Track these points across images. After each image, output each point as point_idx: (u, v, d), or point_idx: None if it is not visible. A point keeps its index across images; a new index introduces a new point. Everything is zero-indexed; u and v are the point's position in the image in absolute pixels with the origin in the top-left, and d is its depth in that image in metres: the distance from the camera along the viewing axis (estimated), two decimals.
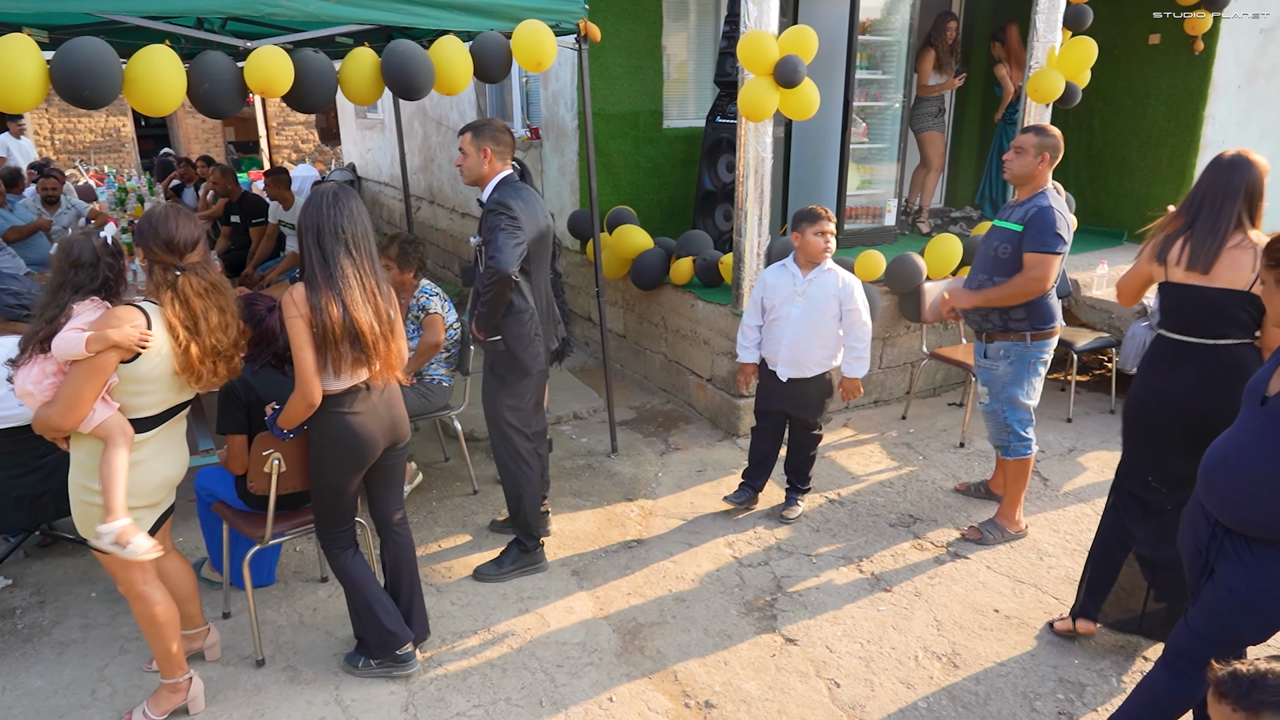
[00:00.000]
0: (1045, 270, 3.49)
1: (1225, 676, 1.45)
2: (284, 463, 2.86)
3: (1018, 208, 3.63)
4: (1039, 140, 3.54)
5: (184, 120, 17.20)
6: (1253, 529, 2.12)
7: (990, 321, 3.71)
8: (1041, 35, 5.46)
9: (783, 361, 3.84)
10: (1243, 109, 6.64)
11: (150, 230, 2.52)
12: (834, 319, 3.76)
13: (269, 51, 3.29)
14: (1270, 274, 2.05)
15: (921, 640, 3.23)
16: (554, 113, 6.53)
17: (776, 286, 3.84)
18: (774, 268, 3.91)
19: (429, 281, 4.25)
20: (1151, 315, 5.25)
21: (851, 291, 3.74)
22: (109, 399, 2.46)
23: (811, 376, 3.84)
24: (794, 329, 3.77)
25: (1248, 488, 2.11)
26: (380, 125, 10.99)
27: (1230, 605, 2.18)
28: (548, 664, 3.11)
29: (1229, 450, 2.19)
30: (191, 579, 2.99)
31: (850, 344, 3.81)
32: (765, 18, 4.41)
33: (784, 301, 3.80)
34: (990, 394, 3.81)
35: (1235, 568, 2.17)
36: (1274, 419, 2.08)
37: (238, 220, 7.35)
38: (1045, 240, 3.48)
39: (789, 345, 3.79)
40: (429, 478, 4.57)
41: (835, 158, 5.99)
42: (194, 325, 2.53)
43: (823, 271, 3.75)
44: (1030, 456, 3.80)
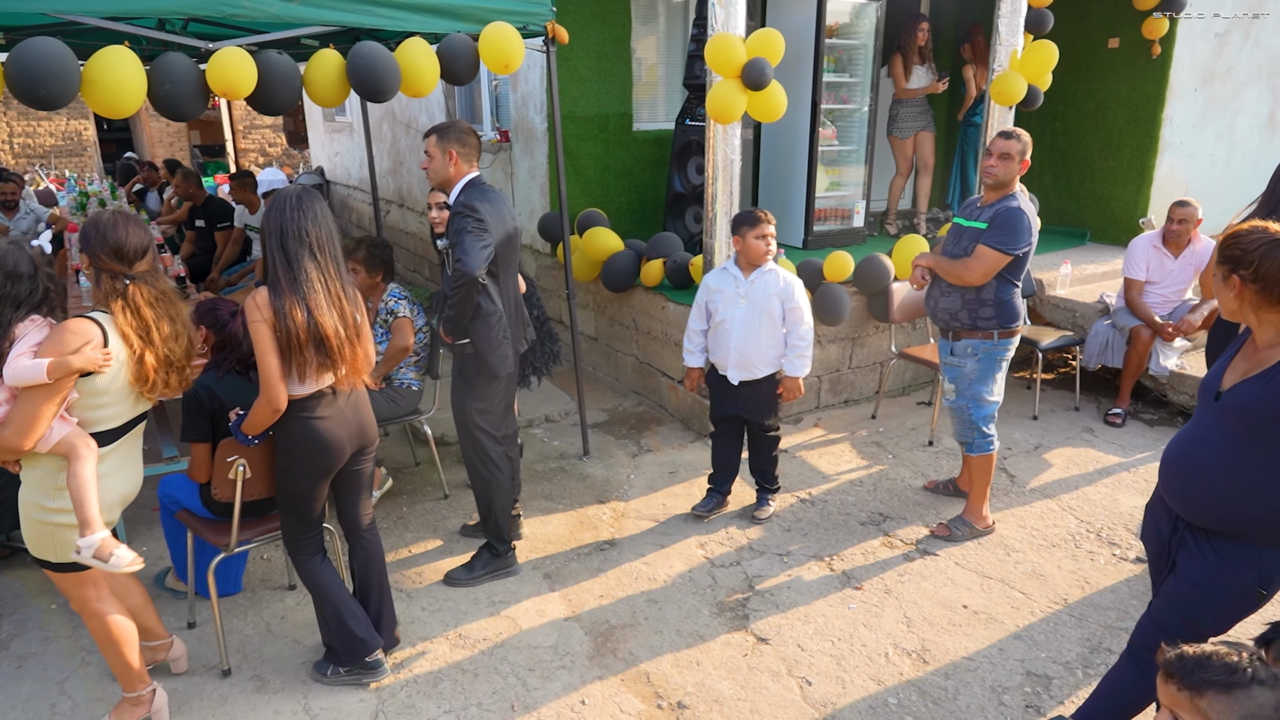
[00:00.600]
0: (988, 265, 3.56)
1: (1172, 658, 1.48)
2: (249, 469, 2.82)
3: (986, 208, 3.65)
4: (1021, 146, 3.59)
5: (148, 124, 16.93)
6: (1210, 522, 2.17)
7: (958, 320, 3.74)
8: (1004, 39, 5.54)
9: (732, 365, 3.84)
10: (1199, 111, 6.79)
11: (98, 237, 2.44)
12: (778, 319, 3.77)
13: (231, 53, 3.25)
14: (1220, 269, 2.09)
15: (892, 637, 3.26)
16: (523, 115, 6.51)
17: (719, 290, 3.85)
18: (716, 271, 3.92)
19: (397, 285, 4.22)
20: (1114, 313, 5.35)
21: (792, 290, 3.75)
22: (67, 416, 2.39)
23: (762, 377, 3.85)
24: (739, 331, 3.78)
25: (1204, 482, 2.15)
26: (349, 128, 10.90)
27: (1191, 597, 2.22)
28: (519, 668, 3.10)
29: (1186, 445, 2.23)
30: (141, 591, 2.92)
31: (792, 343, 3.80)
32: (732, 21, 4.44)
33: (727, 304, 3.80)
34: (957, 391, 3.85)
35: (1195, 560, 2.21)
36: (1227, 415, 2.12)
37: (202, 225, 7.26)
38: (1006, 239, 3.53)
39: (736, 348, 3.79)
40: (399, 482, 4.53)
41: (804, 160, 6.04)
42: (146, 334, 2.47)
43: (763, 272, 3.76)
44: (993, 452, 3.85)
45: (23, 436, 2.30)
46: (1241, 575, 2.14)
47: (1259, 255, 2.00)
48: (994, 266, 3.57)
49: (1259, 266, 2.00)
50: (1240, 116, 7.17)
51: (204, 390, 2.88)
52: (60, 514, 2.44)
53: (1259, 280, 2.01)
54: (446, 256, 3.37)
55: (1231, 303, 2.09)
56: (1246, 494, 2.09)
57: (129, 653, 2.67)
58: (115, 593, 2.75)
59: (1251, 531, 2.12)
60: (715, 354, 3.92)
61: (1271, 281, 1.99)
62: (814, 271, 5.21)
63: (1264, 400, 2.03)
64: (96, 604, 2.61)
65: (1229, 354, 2.22)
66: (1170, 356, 5.22)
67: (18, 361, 2.28)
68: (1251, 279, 2.02)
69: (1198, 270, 5.13)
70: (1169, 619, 2.28)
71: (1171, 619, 2.27)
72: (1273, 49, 7.12)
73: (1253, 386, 2.07)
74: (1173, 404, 5.32)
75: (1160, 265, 5.16)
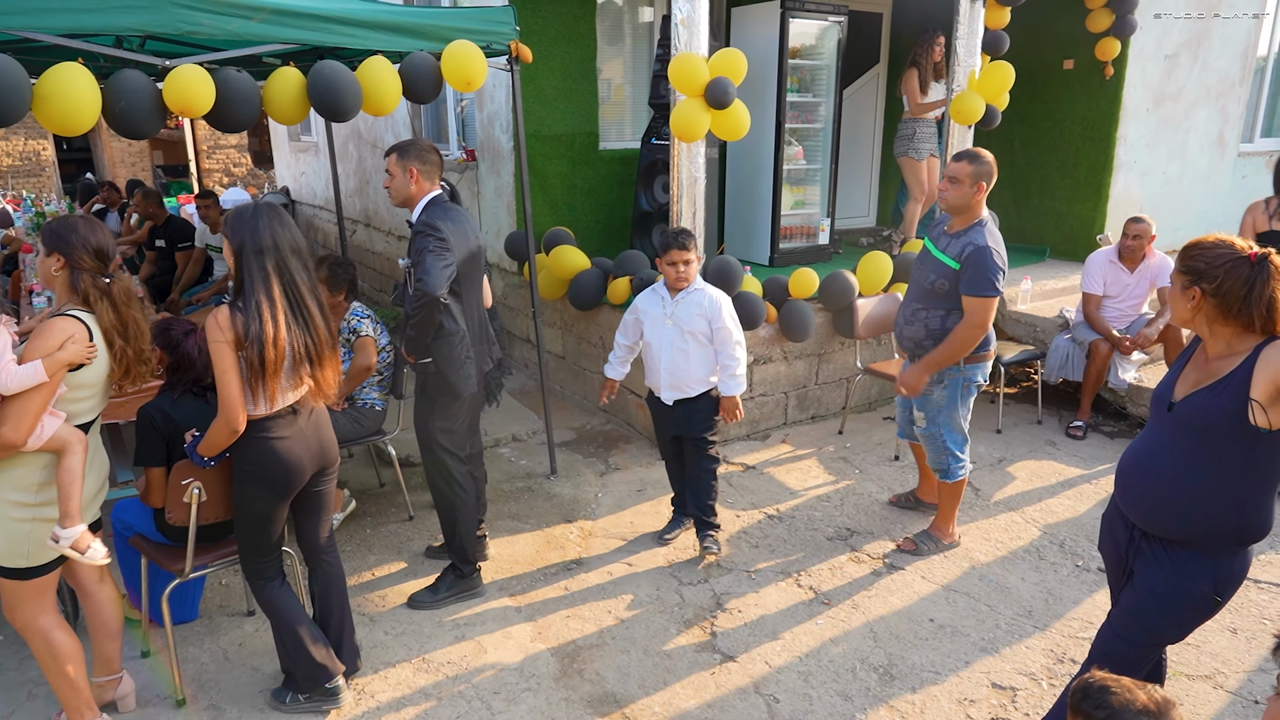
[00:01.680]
0: (986, 314, 3.51)
1: (1078, 683, 1.58)
2: (204, 492, 2.76)
3: (954, 240, 3.57)
4: (975, 169, 3.49)
5: (108, 143, 16.68)
6: (1165, 531, 2.20)
7: (923, 348, 3.70)
8: (962, 60, 5.65)
9: (665, 386, 3.78)
10: (1151, 131, 6.97)
11: (79, 239, 2.55)
12: (705, 338, 3.68)
13: (189, 70, 3.21)
14: (1181, 279, 2.13)
15: (859, 652, 3.25)
16: (489, 134, 6.51)
17: (647, 310, 3.80)
18: (646, 292, 3.86)
19: (360, 304, 4.18)
20: (1073, 328, 5.45)
21: (719, 309, 3.66)
22: (55, 410, 2.48)
23: (696, 395, 3.77)
24: (668, 352, 3.71)
25: (1158, 492, 2.18)
26: (314, 148, 10.82)
27: (1149, 605, 2.25)
28: (484, 691, 3.05)
29: (1140, 456, 2.27)
30: (119, 614, 2.87)
31: (723, 362, 3.70)
32: (695, 41, 4.48)
33: (654, 326, 3.75)
34: (927, 418, 3.82)
35: (1152, 569, 2.24)
36: (1179, 425, 2.16)
37: (163, 245, 7.15)
38: (983, 285, 3.47)
39: (667, 369, 3.74)
40: (363, 504, 4.46)
41: (769, 179, 6.10)
42: (124, 330, 2.61)
43: (689, 292, 3.69)
44: (965, 478, 3.86)
45: (19, 432, 2.37)
46: (1197, 583, 2.17)
47: (1222, 272, 2.03)
48: (985, 313, 3.52)
49: (1221, 283, 2.03)
50: (1191, 136, 7.37)
51: (158, 413, 2.82)
52: (44, 508, 2.51)
53: (1219, 295, 2.04)
54: (408, 275, 3.35)
55: (1187, 312, 2.13)
56: (1199, 503, 2.12)
57: (74, 672, 2.61)
58: (98, 606, 2.79)
59: (1205, 539, 2.15)
60: (648, 376, 3.86)
61: (1231, 299, 2.03)
62: (780, 288, 5.25)
63: (1215, 411, 2.07)
64: (40, 619, 2.57)
65: (1179, 364, 2.26)
66: (1128, 370, 5.31)
67: (9, 369, 2.36)
68: (1213, 294, 2.05)
69: (1153, 284, 5.25)
70: (1128, 627, 2.30)
71: (1131, 628, 2.29)
72: (1220, 71, 7.35)
73: (1204, 398, 2.10)
74: (1132, 416, 5.42)
75: (1117, 280, 5.27)
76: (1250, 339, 2.05)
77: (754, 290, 5.12)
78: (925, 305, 3.68)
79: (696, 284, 3.70)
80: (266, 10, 3.41)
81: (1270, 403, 1.99)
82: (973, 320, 3.53)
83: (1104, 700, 1.53)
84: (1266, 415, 2.00)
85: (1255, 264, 2.01)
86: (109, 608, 2.83)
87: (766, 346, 5.29)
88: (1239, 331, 2.06)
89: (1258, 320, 2.02)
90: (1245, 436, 2.04)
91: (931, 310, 3.66)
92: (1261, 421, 2.00)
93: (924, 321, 3.69)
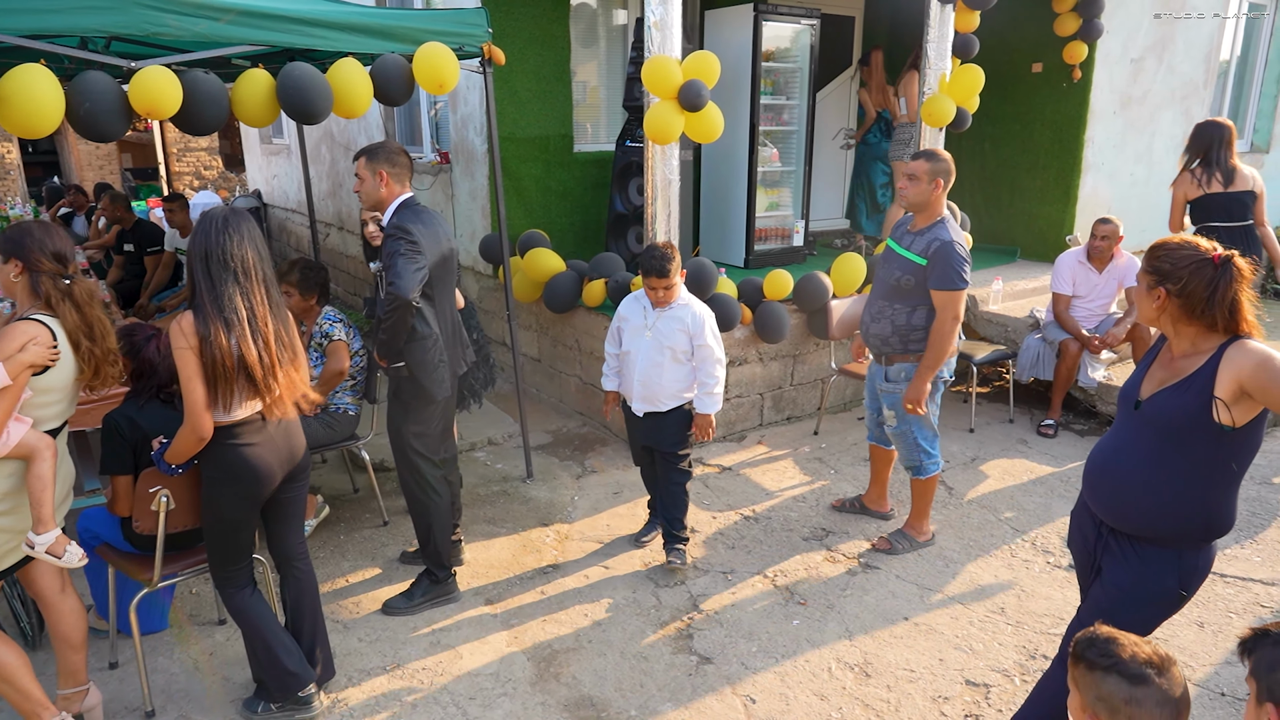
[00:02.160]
0: (958, 306, 3.59)
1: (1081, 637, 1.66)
2: (173, 499, 2.72)
3: (919, 237, 3.64)
4: (931, 166, 3.58)
5: (75, 147, 16.41)
6: (1132, 528, 2.23)
7: (890, 345, 3.76)
8: (933, 63, 5.71)
9: (636, 397, 3.68)
10: (1118, 133, 7.08)
11: (37, 244, 2.54)
12: (684, 353, 3.58)
13: (155, 71, 3.17)
14: (1146, 278, 2.16)
15: (835, 651, 3.27)
16: (463, 137, 6.48)
17: (628, 318, 3.70)
18: (629, 299, 3.75)
19: (332, 308, 4.14)
20: (1044, 327, 5.52)
21: (702, 326, 3.55)
22: (21, 416, 2.46)
23: (667, 411, 3.66)
24: (643, 363, 3.61)
25: (1125, 489, 2.22)
26: (286, 151, 10.71)
27: (1117, 601, 2.27)
28: (460, 698, 3.03)
29: (1107, 453, 2.30)
30: (83, 624, 2.80)
31: (702, 380, 3.61)
32: (668, 43, 4.49)
33: (633, 335, 3.66)
34: (897, 416, 3.85)
35: (1119, 565, 2.27)
36: (1147, 423, 2.19)
37: (131, 249, 7.04)
38: (951, 277, 3.54)
39: (640, 380, 3.63)
40: (337, 510, 4.42)
41: (744, 181, 6.13)
42: (90, 330, 2.60)
43: (674, 306, 3.58)
44: (938, 474, 3.90)
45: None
46: (1163, 579, 2.20)
47: (1187, 273, 2.06)
48: (957, 305, 3.59)
49: (1186, 284, 2.07)
50: (1156, 139, 7.49)
51: (125, 420, 2.77)
52: (6, 516, 2.49)
53: (1183, 296, 2.08)
54: (380, 279, 3.32)
55: (1152, 312, 2.17)
56: (1165, 500, 2.15)
57: (24, 682, 2.56)
58: (61, 617, 2.73)
59: (1171, 536, 2.18)
60: (622, 384, 3.77)
61: (1195, 299, 2.06)
62: (755, 290, 5.27)
63: (1181, 409, 2.10)
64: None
65: (1145, 362, 2.30)
66: (1098, 369, 5.39)
67: None
68: (1177, 295, 2.09)
69: (1121, 284, 5.33)
70: (1094, 621, 2.32)
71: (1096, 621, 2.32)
72: (1184, 74, 7.48)
73: (1170, 396, 2.14)
74: (1101, 414, 5.49)
75: (1086, 280, 5.34)
76: (1214, 338, 2.09)
77: (729, 292, 5.14)
78: (891, 302, 3.73)
79: (681, 298, 3.60)
80: (234, 11, 3.37)
81: (1234, 400, 2.02)
82: (946, 313, 3.59)
83: (1109, 650, 1.59)
84: (1230, 413, 2.03)
85: (1219, 266, 2.04)
86: (71, 618, 2.76)
87: (742, 348, 5.31)
88: (1203, 331, 2.10)
89: (1220, 321, 2.06)
90: (1210, 434, 2.07)
91: (898, 307, 3.71)
92: (1225, 419, 2.04)
93: (890, 318, 3.74)
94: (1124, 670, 1.56)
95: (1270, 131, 8.83)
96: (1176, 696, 1.53)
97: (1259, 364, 1.99)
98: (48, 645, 3.23)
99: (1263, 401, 2.01)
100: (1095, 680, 1.59)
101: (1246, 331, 2.06)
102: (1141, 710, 1.54)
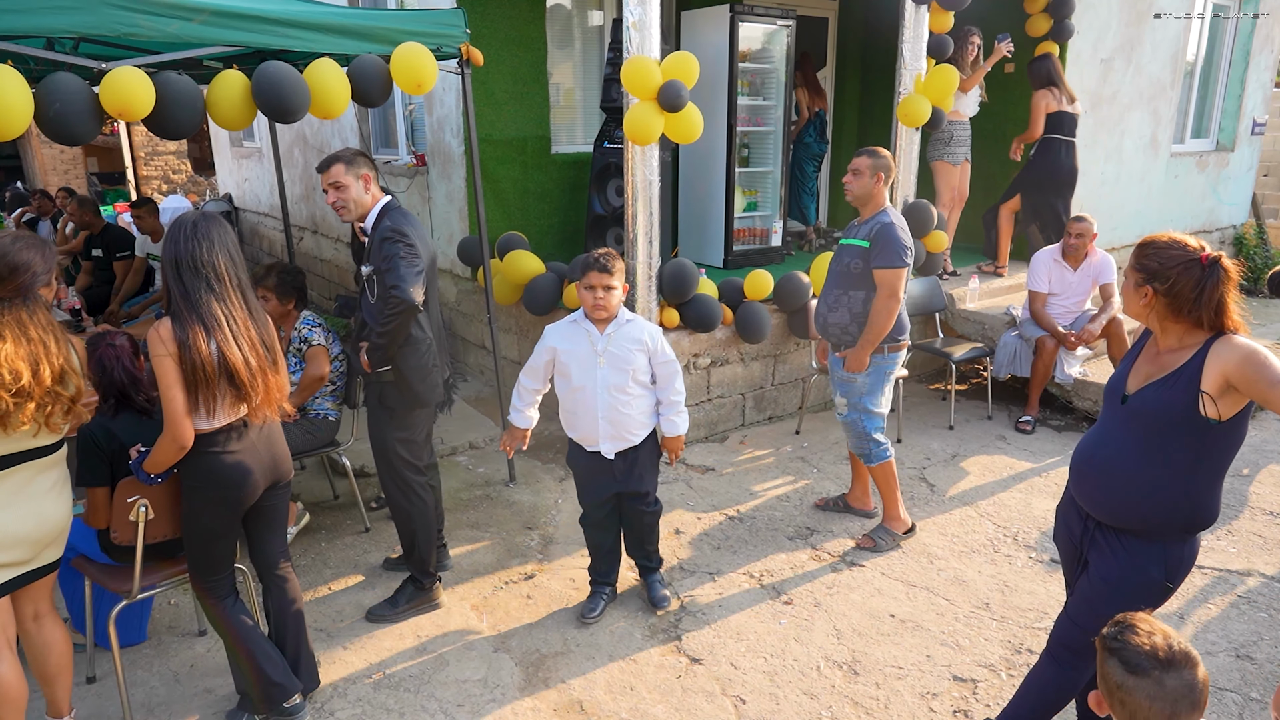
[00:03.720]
0: (896, 283, 3.72)
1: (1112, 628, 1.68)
2: (151, 509, 2.66)
3: (863, 225, 3.83)
4: (873, 162, 3.77)
5: (39, 150, 16.08)
6: (1119, 521, 2.25)
7: (849, 334, 3.88)
8: (908, 63, 5.75)
9: (604, 437, 3.24)
10: (1089, 132, 7.17)
11: None
12: (645, 374, 3.23)
13: (126, 72, 3.10)
14: (1134, 276, 2.18)
15: (823, 650, 3.28)
16: (440, 139, 6.43)
17: (571, 350, 3.20)
18: (562, 325, 3.26)
19: (311, 312, 4.08)
20: (1020, 325, 5.58)
21: (659, 340, 3.23)
22: None
23: (640, 442, 3.31)
24: (606, 398, 3.17)
25: (1112, 483, 2.24)
26: (258, 154, 10.58)
27: (1104, 594, 2.30)
28: (448, 704, 2.99)
29: (1094, 448, 2.32)
30: (67, 656, 2.68)
31: (670, 400, 3.27)
32: (647, 44, 4.48)
33: (584, 367, 3.18)
34: (849, 404, 3.96)
35: (1106, 558, 2.29)
36: (1133, 417, 2.21)
37: (100, 254, 6.91)
38: (890, 256, 3.69)
39: (606, 418, 3.20)
40: (317, 517, 4.36)
41: (722, 181, 6.14)
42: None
43: (622, 324, 3.19)
44: (890, 459, 3.96)
45: None
46: (1149, 570, 2.23)
47: (1175, 273, 2.09)
48: (896, 282, 3.72)
49: (1174, 283, 2.09)
50: (1126, 138, 7.61)
51: (101, 431, 2.70)
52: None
53: (1171, 295, 2.10)
54: (368, 283, 3.27)
55: (1139, 309, 2.19)
56: (1152, 492, 2.18)
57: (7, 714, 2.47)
58: (46, 650, 2.60)
59: (1157, 528, 2.21)
60: (579, 428, 3.28)
61: (1182, 299, 2.09)
62: (735, 290, 5.27)
63: (1168, 403, 2.13)
64: None
65: (1130, 356, 2.32)
66: (1074, 365, 5.46)
67: None
68: (1165, 293, 2.11)
69: (1095, 281, 5.40)
70: (1084, 616, 2.35)
71: (1086, 616, 2.34)
72: (1152, 75, 7.60)
73: (1157, 390, 2.16)
74: (1078, 410, 5.56)
75: (1061, 278, 5.40)
76: (1200, 334, 2.11)
77: (710, 292, 5.14)
78: (845, 290, 3.87)
79: (625, 314, 3.22)
80: (208, 11, 3.31)
81: (1219, 394, 2.05)
82: (885, 291, 3.73)
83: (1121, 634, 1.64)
84: (1216, 407, 2.06)
85: (1207, 267, 2.07)
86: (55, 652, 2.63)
87: (723, 348, 5.31)
88: (1189, 328, 2.13)
89: (1206, 319, 2.08)
90: (1196, 427, 2.10)
91: (852, 294, 3.85)
92: (1211, 413, 2.07)
93: (846, 306, 3.87)
94: (1124, 657, 1.60)
95: (1234, 130, 9.00)
96: (1174, 693, 1.54)
97: (1245, 358, 2.02)
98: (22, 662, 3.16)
99: (1249, 394, 2.04)
100: (1102, 659, 1.66)
101: (1233, 328, 2.09)
102: (1131, 699, 1.58)
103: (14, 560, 2.45)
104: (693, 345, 5.16)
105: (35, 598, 2.60)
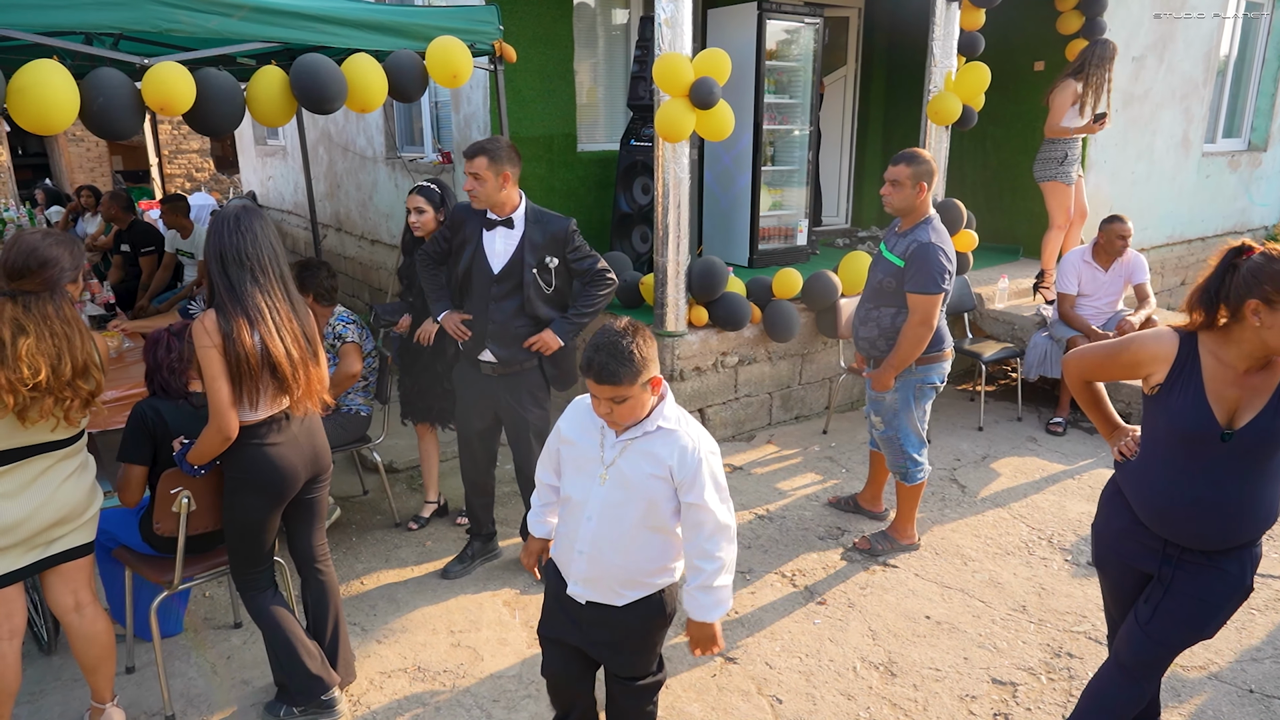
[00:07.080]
0: (930, 311, 3.49)
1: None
2: (194, 501, 2.67)
3: (901, 238, 3.57)
4: (913, 170, 3.46)
5: (66, 149, 16.26)
6: (1225, 545, 2.17)
7: (877, 348, 3.71)
8: (938, 61, 5.71)
9: (576, 575, 2.20)
10: (1120, 131, 7.10)
11: None
12: (665, 512, 2.12)
13: (168, 67, 3.13)
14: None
15: (858, 650, 3.25)
16: (466, 136, 6.44)
17: (576, 445, 2.21)
18: (578, 407, 2.26)
19: (345, 309, 4.09)
20: (1051, 325, 5.52)
21: (697, 470, 2.06)
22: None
23: (623, 605, 2.19)
24: (594, 525, 2.14)
25: (1226, 518, 2.14)
26: (282, 151, 10.64)
27: (1198, 612, 2.21)
28: (483, 700, 2.99)
29: (1199, 489, 2.16)
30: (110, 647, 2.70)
31: (696, 563, 2.12)
32: (679, 41, 4.47)
33: (582, 472, 2.18)
34: (884, 421, 3.80)
35: (1199, 578, 2.20)
36: (1247, 451, 2.10)
37: (127, 249, 6.97)
38: (925, 280, 3.45)
39: (585, 552, 2.16)
40: (347, 512, 4.37)
41: (748, 180, 6.11)
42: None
43: (650, 432, 2.09)
44: (924, 482, 3.84)
45: None
46: (1244, 579, 2.18)
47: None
48: (930, 309, 3.48)
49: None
50: (1157, 137, 7.53)
51: (152, 411, 2.72)
52: None
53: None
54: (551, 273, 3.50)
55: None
56: (1256, 515, 2.13)
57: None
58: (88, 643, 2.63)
59: (1251, 541, 2.17)
60: (557, 544, 2.30)
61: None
62: (763, 289, 5.25)
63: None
64: None
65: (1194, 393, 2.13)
66: None
67: None
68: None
69: (1128, 281, 5.33)
70: (1169, 633, 2.25)
71: (1173, 633, 2.25)
72: (1184, 73, 7.51)
73: (1272, 419, 2.05)
74: None
75: (1092, 279, 5.34)
76: None
77: (738, 291, 5.12)
78: (876, 304, 3.69)
79: (661, 415, 2.10)
80: (247, 7, 3.34)
81: None
82: (916, 318, 3.51)
83: None
84: None
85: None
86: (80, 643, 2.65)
87: (751, 347, 5.29)
88: None
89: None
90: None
91: (883, 309, 3.67)
92: None
93: (876, 321, 3.70)
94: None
95: (1268, 130, 8.89)
96: None
97: None
98: (63, 650, 3.19)
99: None
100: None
101: None
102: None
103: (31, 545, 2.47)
104: (721, 344, 5.14)
105: (74, 586, 2.62)
